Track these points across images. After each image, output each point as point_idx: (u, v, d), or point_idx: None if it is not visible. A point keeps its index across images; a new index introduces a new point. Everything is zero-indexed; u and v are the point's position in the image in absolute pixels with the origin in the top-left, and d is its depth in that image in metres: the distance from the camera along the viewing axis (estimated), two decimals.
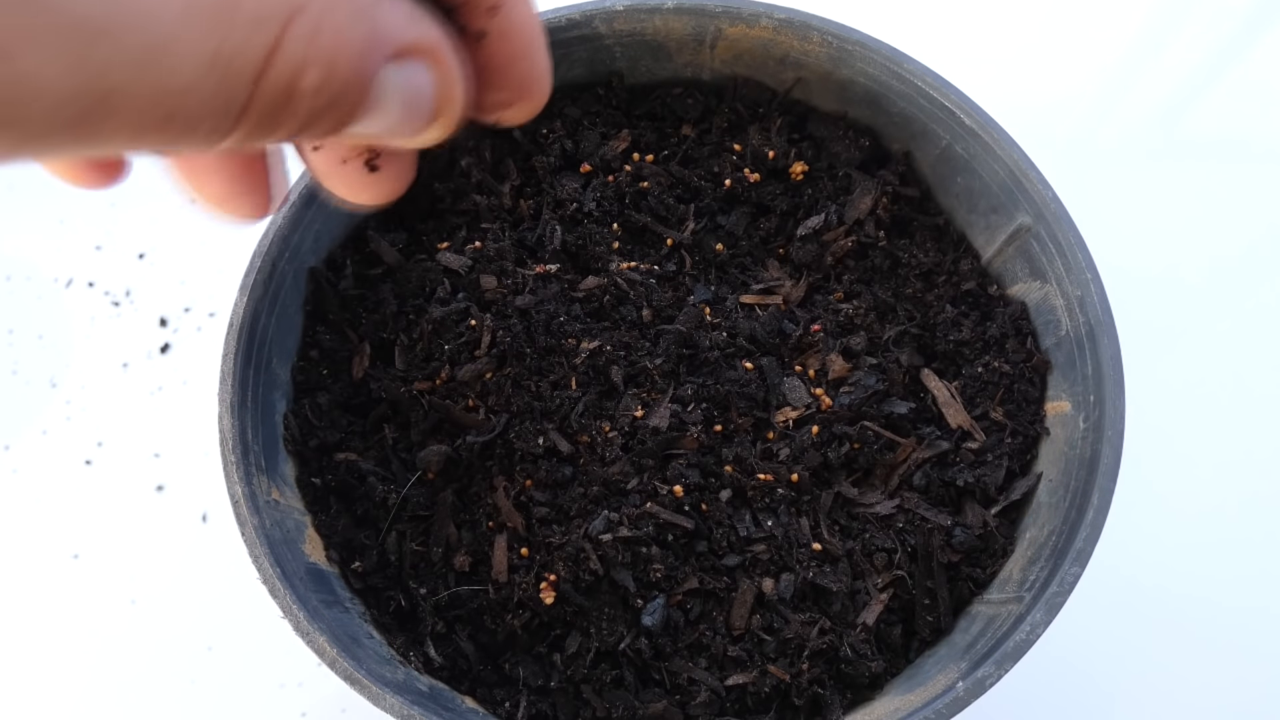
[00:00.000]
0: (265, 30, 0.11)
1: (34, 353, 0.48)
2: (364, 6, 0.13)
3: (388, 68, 0.13)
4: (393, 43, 0.13)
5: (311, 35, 0.12)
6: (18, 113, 0.10)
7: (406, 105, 0.14)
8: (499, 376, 0.36)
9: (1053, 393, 0.36)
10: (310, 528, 0.34)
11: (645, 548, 0.33)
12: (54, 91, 0.10)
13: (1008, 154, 0.35)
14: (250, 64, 0.11)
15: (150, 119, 0.11)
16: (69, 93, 0.10)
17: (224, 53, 0.11)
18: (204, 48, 0.11)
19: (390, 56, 0.13)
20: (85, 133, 0.10)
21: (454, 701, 0.32)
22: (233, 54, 0.11)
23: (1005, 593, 0.33)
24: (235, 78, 0.11)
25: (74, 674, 0.42)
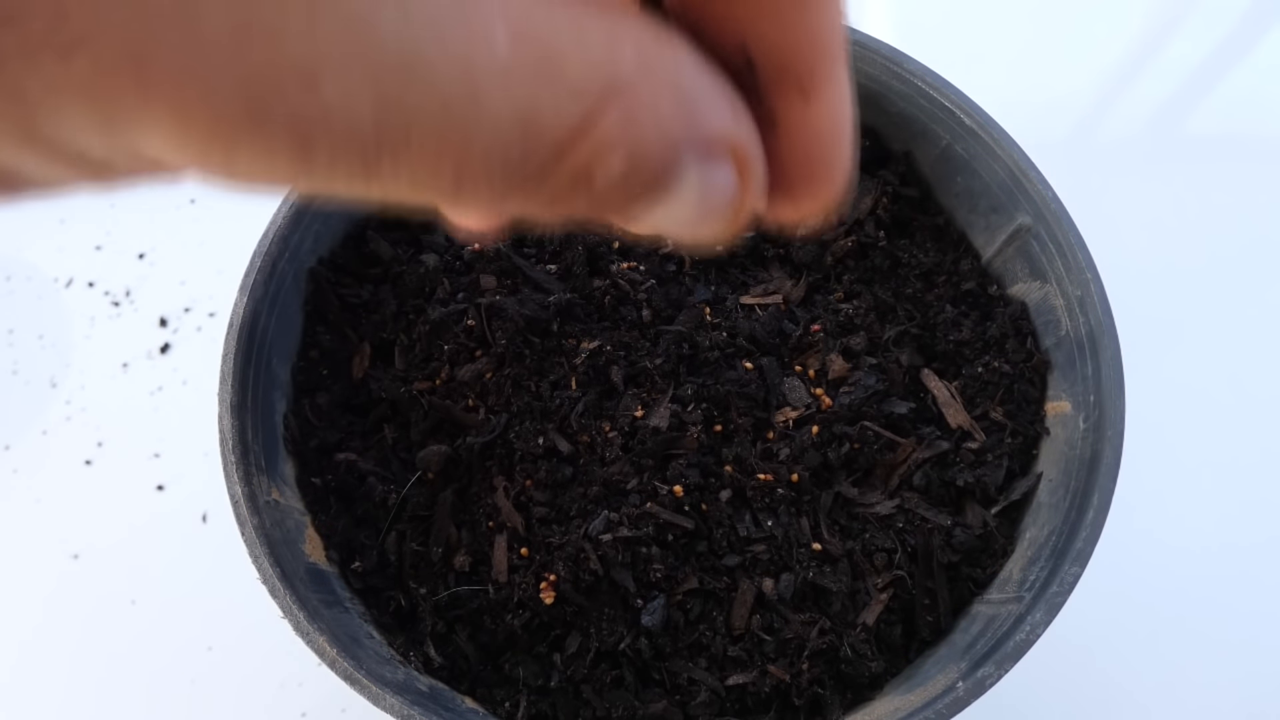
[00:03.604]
0: (582, 103, 0.10)
1: (34, 353, 0.48)
2: (690, 93, 0.12)
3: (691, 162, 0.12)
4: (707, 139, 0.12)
5: (628, 118, 0.11)
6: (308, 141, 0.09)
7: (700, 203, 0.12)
8: (499, 376, 0.36)
9: (1053, 393, 0.36)
10: (310, 528, 0.34)
11: (645, 548, 0.33)
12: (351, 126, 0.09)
13: (1008, 154, 0.35)
14: (558, 135, 0.10)
15: (441, 171, 0.10)
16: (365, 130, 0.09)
17: (535, 118, 0.10)
18: (515, 108, 0.10)
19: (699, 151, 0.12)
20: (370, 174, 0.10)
21: (454, 701, 0.32)
22: (544, 121, 0.10)
23: (1005, 593, 0.33)
24: (539, 146, 0.10)
25: (74, 674, 0.42)
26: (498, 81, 0.10)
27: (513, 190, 0.11)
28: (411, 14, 0.09)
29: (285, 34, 0.08)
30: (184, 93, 0.08)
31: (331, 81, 0.09)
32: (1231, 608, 0.43)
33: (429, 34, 0.09)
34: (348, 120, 0.09)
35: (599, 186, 0.11)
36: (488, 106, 0.10)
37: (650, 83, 0.11)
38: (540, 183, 0.11)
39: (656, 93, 0.11)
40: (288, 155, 0.09)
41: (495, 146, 0.10)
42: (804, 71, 0.13)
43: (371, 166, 0.10)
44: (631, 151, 0.11)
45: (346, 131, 0.09)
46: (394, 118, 0.09)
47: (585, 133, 0.10)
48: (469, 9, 0.09)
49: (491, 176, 0.10)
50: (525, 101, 0.10)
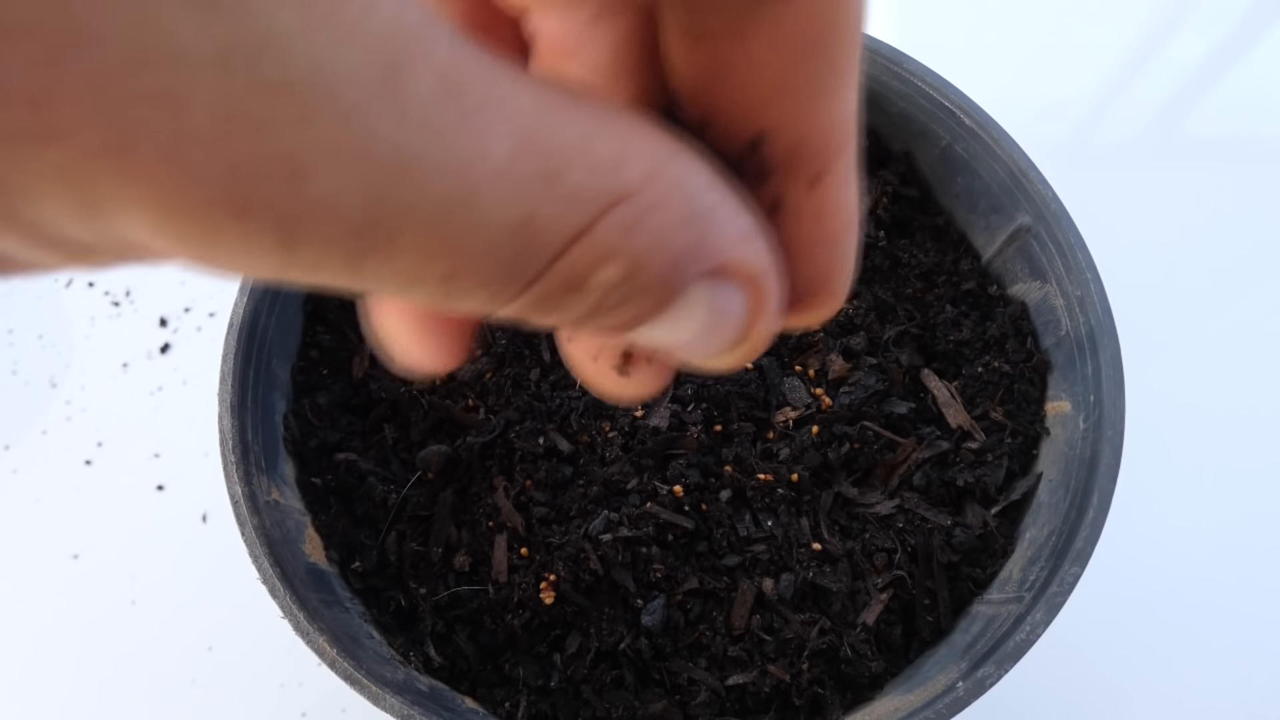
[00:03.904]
0: (581, 210, 0.10)
1: (34, 353, 0.48)
2: (701, 210, 0.11)
3: (699, 282, 0.11)
4: (716, 259, 0.11)
5: (629, 227, 0.10)
6: (292, 234, 0.09)
7: (708, 326, 0.12)
8: (499, 376, 0.36)
9: (1053, 393, 0.36)
10: (310, 528, 0.34)
11: (645, 548, 0.33)
12: (338, 221, 0.09)
13: (1008, 154, 0.35)
14: (555, 241, 0.10)
15: (431, 270, 0.10)
16: (353, 226, 0.09)
17: (532, 223, 0.10)
18: (511, 213, 0.10)
19: (707, 273, 0.11)
20: (357, 269, 0.10)
21: (454, 701, 0.32)
22: (541, 226, 0.10)
23: (1005, 593, 0.33)
24: (534, 251, 0.10)
25: (74, 674, 0.42)
26: (495, 185, 0.09)
27: (505, 291, 0.10)
28: (409, 113, 0.09)
29: (273, 126, 0.08)
30: (165, 181, 0.08)
31: (319, 176, 0.09)
32: (1231, 608, 0.43)
33: (425, 134, 0.09)
34: (335, 215, 0.09)
35: (594, 299, 0.11)
36: (483, 208, 0.09)
37: (657, 194, 0.11)
38: (533, 286, 0.10)
39: (663, 205, 0.11)
40: (271, 247, 0.09)
41: (489, 248, 0.10)
42: (816, 159, 0.13)
43: (358, 262, 0.09)
44: (632, 262, 0.11)
45: (333, 226, 0.09)
46: (384, 215, 0.09)
47: (582, 235, 0.10)
48: (471, 111, 0.09)
49: (485, 277, 0.10)
50: (523, 206, 0.10)
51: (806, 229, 0.14)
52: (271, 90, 0.08)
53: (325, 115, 0.08)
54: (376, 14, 0.09)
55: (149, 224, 0.09)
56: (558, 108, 0.10)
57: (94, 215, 0.09)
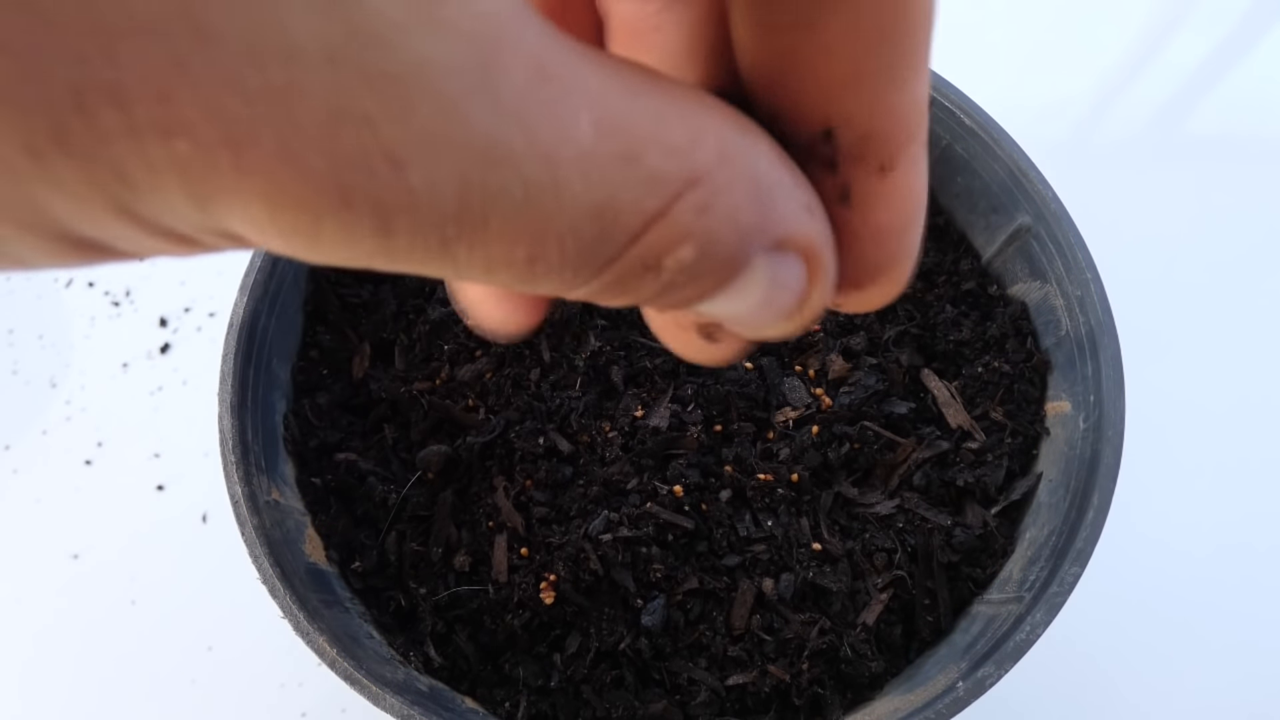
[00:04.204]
0: (659, 192, 0.10)
1: (34, 353, 0.48)
2: (767, 187, 0.11)
3: (761, 256, 0.12)
4: (781, 233, 0.12)
5: (702, 209, 0.11)
6: (390, 222, 0.09)
7: (767, 298, 0.12)
8: (499, 376, 0.36)
9: (1053, 393, 0.36)
10: (310, 528, 0.34)
11: (645, 548, 0.33)
12: (432, 209, 0.09)
13: (1008, 154, 0.35)
14: (634, 223, 0.10)
15: (516, 255, 0.10)
16: (448, 213, 0.09)
17: (612, 206, 0.10)
18: (592, 197, 0.10)
19: (771, 246, 0.12)
20: (446, 254, 0.10)
21: (454, 701, 0.32)
22: (621, 209, 0.10)
23: (1005, 593, 0.33)
24: (614, 233, 0.10)
25: (74, 674, 0.42)
26: (578, 169, 0.10)
27: (583, 273, 0.11)
28: (502, 102, 0.09)
29: (379, 120, 0.09)
30: (275, 175, 0.09)
31: (419, 166, 0.09)
32: (1231, 607, 0.43)
33: (516, 123, 0.09)
34: (431, 202, 0.09)
35: (667, 274, 0.11)
36: (567, 192, 0.10)
37: (728, 175, 0.11)
38: (610, 268, 0.11)
39: (733, 185, 0.11)
40: (368, 236, 0.09)
41: (571, 231, 0.10)
42: (886, 149, 0.13)
43: (449, 248, 0.10)
44: (703, 242, 0.11)
45: (428, 215, 0.09)
46: (475, 202, 0.09)
47: (659, 216, 0.11)
48: (556, 98, 0.10)
49: (565, 259, 0.10)
50: (604, 189, 0.10)
51: (875, 216, 0.14)
52: (378, 84, 0.09)
53: (426, 107, 0.09)
54: (473, 6, 0.09)
55: (256, 217, 0.09)
56: (636, 91, 0.10)
57: (204, 208, 0.09)
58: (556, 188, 0.10)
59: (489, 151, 0.09)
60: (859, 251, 0.14)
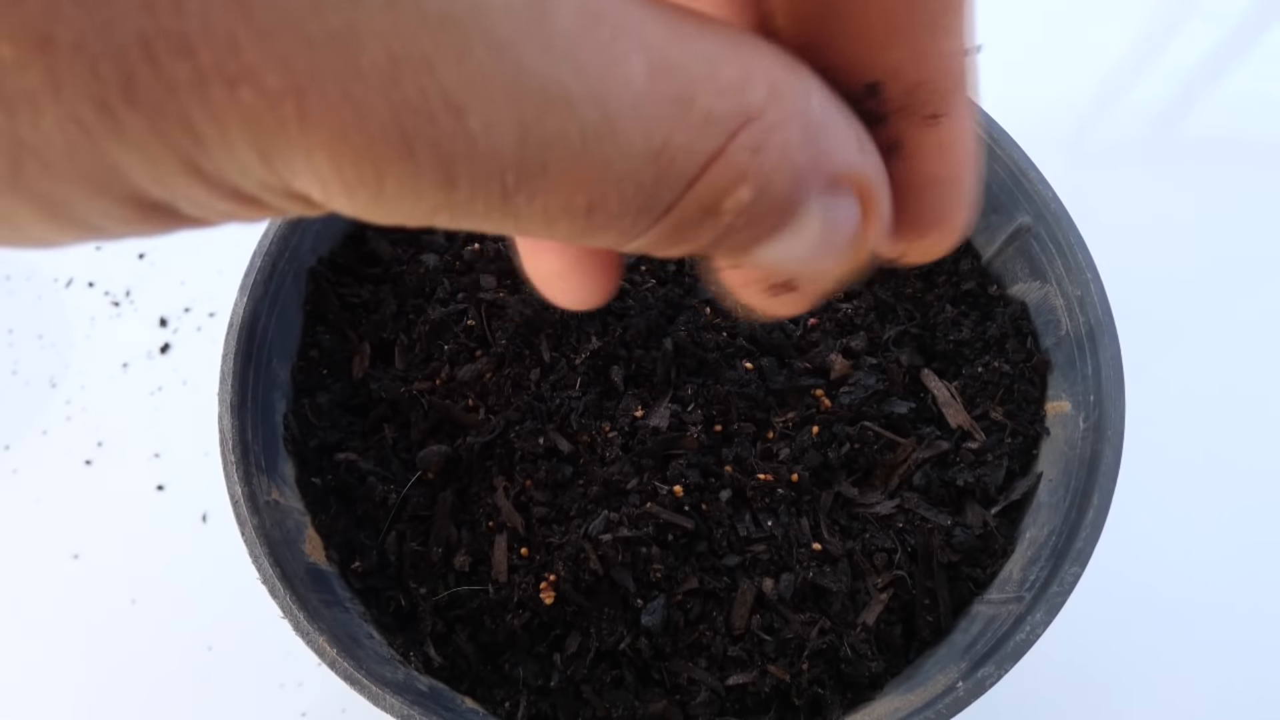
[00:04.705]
0: (714, 133, 0.10)
1: (34, 353, 0.48)
2: (818, 125, 0.11)
3: (816, 195, 0.12)
4: (833, 170, 0.12)
5: (757, 148, 0.11)
6: (452, 170, 0.09)
7: (823, 237, 0.12)
8: (499, 376, 0.36)
9: (1053, 393, 0.36)
10: (310, 528, 0.34)
11: (645, 548, 0.33)
12: (492, 155, 0.09)
13: (1008, 154, 0.35)
14: (690, 166, 0.10)
15: (575, 203, 0.10)
16: (507, 160, 0.09)
17: (668, 148, 0.10)
18: (649, 140, 0.10)
19: (825, 184, 0.12)
20: (508, 203, 0.10)
21: (454, 701, 0.32)
22: (677, 151, 0.10)
23: (1005, 593, 0.33)
24: (671, 177, 0.10)
25: (74, 674, 0.42)
26: (633, 112, 0.10)
27: (642, 221, 0.11)
28: (554, 44, 0.09)
29: (437, 63, 0.09)
30: (338, 124, 0.09)
31: (478, 110, 0.09)
32: (1232, 607, 0.43)
33: (569, 65, 0.09)
34: (490, 149, 0.09)
35: (726, 218, 0.11)
36: (623, 137, 0.10)
37: (780, 113, 0.11)
38: (669, 217, 0.11)
39: (786, 124, 0.11)
40: (433, 185, 0.09)
41: (628, 177, 0.10)
42: (935, 98, 0.13)
43: (510, 196, 0.10)
44: (759, 182, 0.11)
45: (488, 160, 0.09)
46: (533, 148, 0.09)
47: (713, 164, 0.10)
48: (608, 40, 0.10)
49: (624, 206, 0.10)
50: (659, 132, 0.10)
51: (928, 166, 0.14)
52: (434, 26, 0.09)
53: (481, 49, 0.09)
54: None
55: (320, 170, 0.09)
56: (685, 33, 0.10)
57: (269, 162, 0.09)
58: (612, 131, 0.10)
59: (544, 95, 0.09)
60: (915, 202, 0.14)
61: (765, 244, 0.12)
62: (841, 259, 0.13)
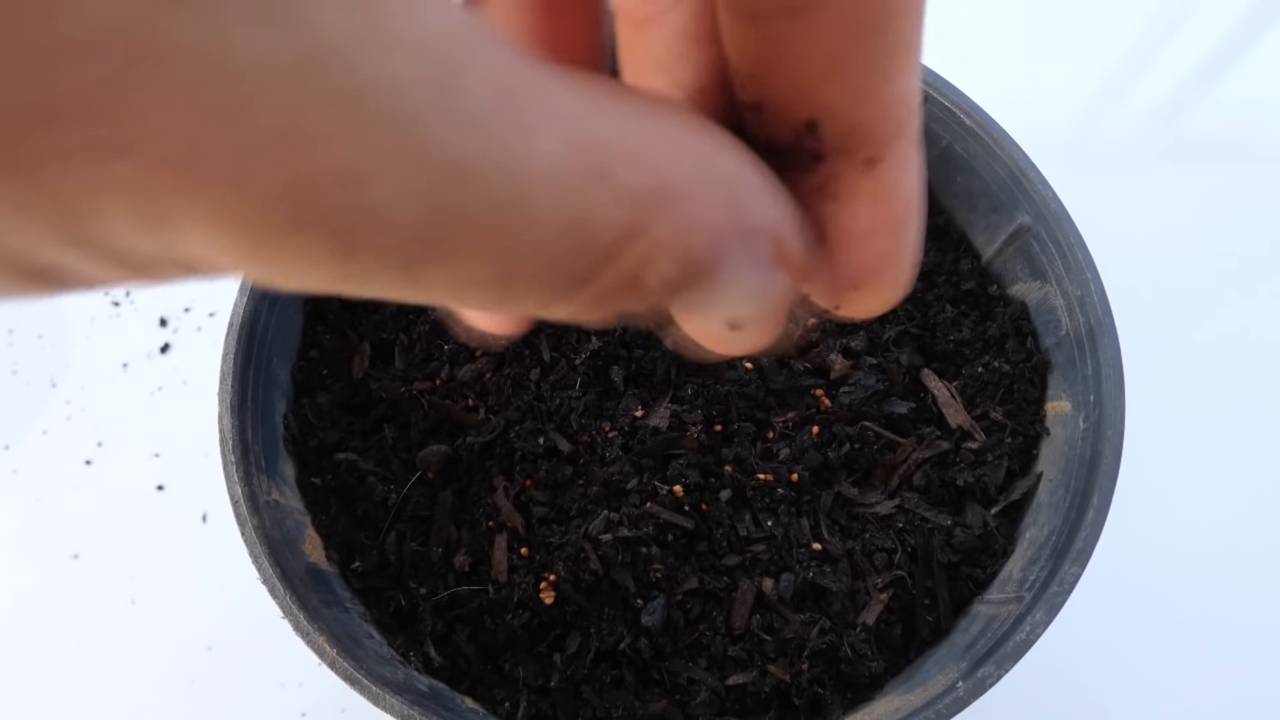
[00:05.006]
0: (634, 208, 0.10)
1: (34, 353, 0.48)
2: (744, 199, 0.11)
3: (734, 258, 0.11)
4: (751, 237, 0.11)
5: (681, 225, 0.10)
6: (351, 244, 0.09)
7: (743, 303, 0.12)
8: (499, 376, 0.36)
9: (1053, 393, 0.36)
10: (310, 528, 0.34)
11: (645, 548, 0.33)
12: (395, 230, 0.09)
13: (1008, 154, 0.35)
14: (609, 241, 0.10)
15: (485, 274, 0.10)
16: (412, 233, 0.09)
17: (586, 223, 0.10)
18: (565, 215, 0.10)
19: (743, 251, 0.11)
20: (413, 276, 0.10)
21: (454, 701, 0.32)
22: (596, 226, 0.10)
23: (1005, 593, 0.33)
24: (589, 252, 0.10)
25: (74, 674, 0.42)
26: (547, 186, 0.10)
27: (560, 292, 0.11)
28: (464, 118, 0.09)
29: (332, 137, 0.08)
30: (227, 194, 0.08)
31: (377, 185, 0.09)
32: (1232, 607, 0.43)
33: (480, 138, 0.09)
34: (392, 223, 0.09)
35: (647, 290, 0.11)
36: (536, 211, 0.10)
37: (705, 186, 0.11)
38: (588, 285, 0.11)
39: (711, 196, 0.11)
40: (330, 257, 0.09)
41: (543, 250, 0.10)
42: (872, 143, 0.13)
43: (415, 270, 0.10)
44: (682, 254, 0.11)
45: (391, 234, 0.09)
46: (440, 221, 0.09)
47: (637, 235, 0.10)
48: (521, 114, 0.09)
49: (539, 279, 0.10)
50: (576, 206, 0.10)
51: (864, 212, 0.13)
52: (331, 101, 0.08)
53: (383, 124, 0.09)
54: (431, 23, 0.09)
55: (210, 238, 0.09)
56: (604, 106, 0.10)
57: (157, 229, 0.09)
58: (525, 205, 0.09)
59: (451, 168, 0.09)
60: (850, 251, 0.14)
61: (687, 309, 0.12)
62: (765, 323, 0.13)
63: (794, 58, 0.12)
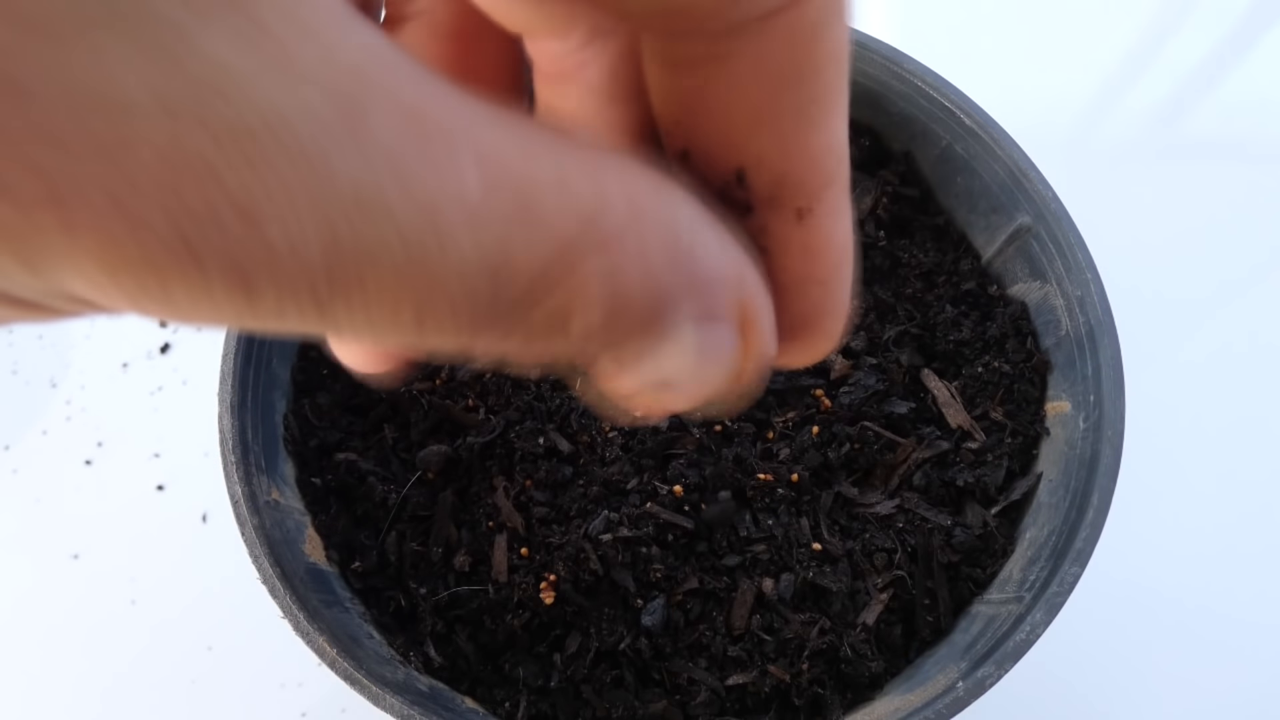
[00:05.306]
0: (559, 251, 0.09)
1: (34, 353, 0.48)
2: (688, 246, 0.10)
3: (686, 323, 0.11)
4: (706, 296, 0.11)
5: (611, 270, 0.10)
6: (250, 281, 0.08)
7: (697, 363, 0.11)
8: (499, 377, 0.36)
9: (1053, 393, 0.36)
10: (310, 528, 0.34)
11: (645, 548, 0.33)
12: (299, 267, 0.08)
13: (1008, 154, 0.35)
14: (532, 283, 0.10)
15: (401, 312, 0.09)
16: (317, 272, 0.09)
17: (507, 265, 0.09)
18: (485, 255, 0.09)
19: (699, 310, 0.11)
20: (323, 314, 0.09)
21: (454, 701, 0.32)
22: (516, 269, 0.09)
23: (1005, 593, 0.33)
24: (509, 295, 0.09)
25: (74, 674, 0.42)
26: (467, 225, 0.09)
27: (481, 332, 0.10)
28: (371, 151, 0.08)
29: (225, 172, 0.08)
30: (108, 233, 0.08)
31: (276, 220, 0.08)
32: (1232, 607, 0.43)
33: (388, 173, 0.09)
34: (295, 261, 0.08)
35: (576, 335, 0.10)
36: (454, 250, 0.09)
37: (640, 233, 0.10)
38: (513, 330, 0.10)
39: (647, 245, 0.10)
40: (229, 296, 0.09)
41: (462, 291, 0.09)
42: (800, 193, 0.12)
43: (324, 308, 0.09)
44: (612, 305, 0.10)
45: (293, 272, 0.09)
46: (348, 259, 0.09)
47: (563, 279, 0.10)
48: (436, 148, 0.09)
49: (457, 319, 0.10)
50: (496, 247, 0.09)
51: (795, 264, 0.13)
52: (226, 134, 0.08)
53: (280, 157, 0.08)
54: (335, 51, 0.08)
55: (95, 279, 0.08)
56: (534, 145, 0.10)
57: (36, 271, 0.08)
58: (442, 245, 0.09)
59: (358, 203, 0.08)
60: (782, 304, 0.13)
61: (628, 362, 0.11)
62: (717, 382, 0.12)
63: (720, 105, 0.12)
